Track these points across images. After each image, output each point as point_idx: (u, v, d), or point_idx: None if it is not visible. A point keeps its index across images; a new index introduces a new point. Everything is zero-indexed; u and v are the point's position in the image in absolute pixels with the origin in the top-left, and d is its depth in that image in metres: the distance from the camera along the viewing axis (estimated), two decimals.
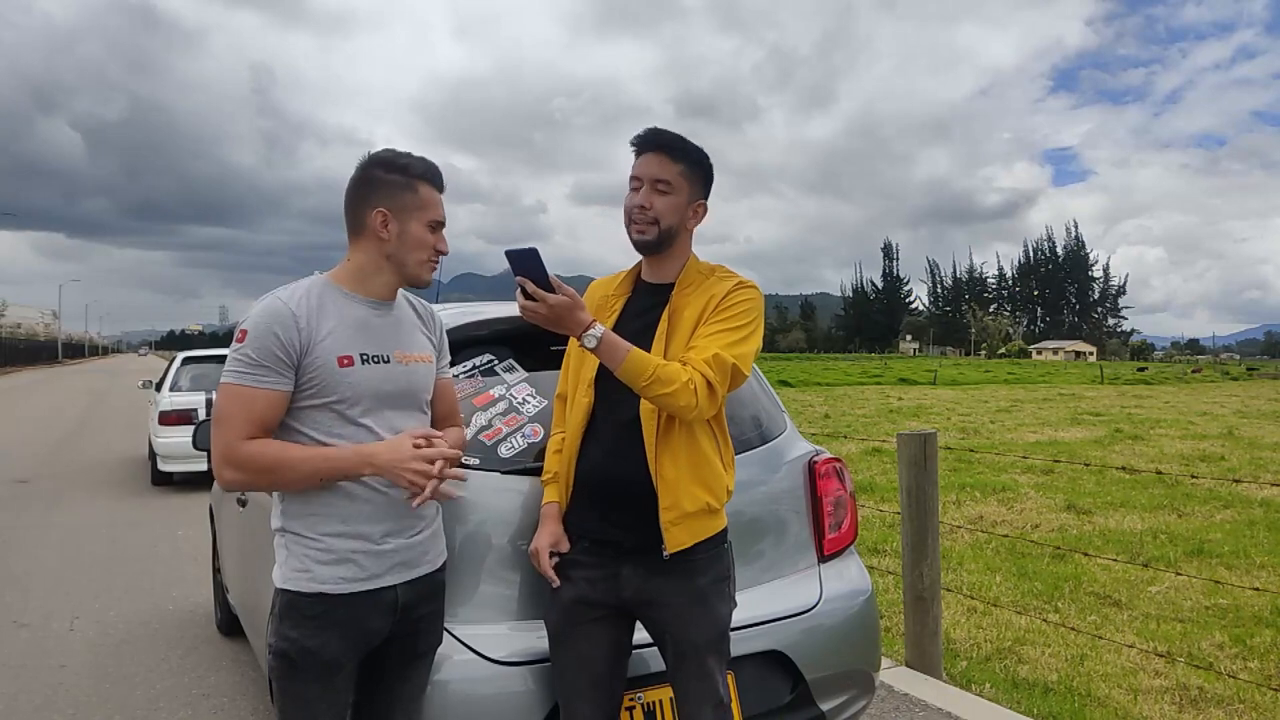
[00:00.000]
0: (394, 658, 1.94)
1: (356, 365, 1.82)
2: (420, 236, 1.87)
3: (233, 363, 1.77)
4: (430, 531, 1.96)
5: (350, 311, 1.86)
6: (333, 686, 1.84)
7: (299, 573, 1.81)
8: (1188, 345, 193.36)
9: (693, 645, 1.97)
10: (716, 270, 2.06)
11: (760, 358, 2.12)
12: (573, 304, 1.79)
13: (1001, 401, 23.61)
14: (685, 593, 1.97)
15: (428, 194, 1.88)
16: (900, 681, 3.74)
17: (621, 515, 1.98)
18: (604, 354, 1.83)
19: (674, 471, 1.93)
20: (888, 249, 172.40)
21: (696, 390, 1.84)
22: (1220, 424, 16.58)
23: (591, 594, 2.00)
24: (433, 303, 2.74)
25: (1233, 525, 7.15)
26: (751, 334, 1.96)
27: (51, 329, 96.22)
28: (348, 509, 1.82)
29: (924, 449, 3.87)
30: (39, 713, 3.60)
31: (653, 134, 2.00)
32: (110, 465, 10.93)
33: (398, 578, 1.87)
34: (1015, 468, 10.23)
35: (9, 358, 56.02)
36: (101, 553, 6.35)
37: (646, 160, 1.99)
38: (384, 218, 1.85)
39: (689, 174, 2.00)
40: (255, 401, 1.75)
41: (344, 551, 1.82)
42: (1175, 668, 3.97)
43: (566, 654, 2.01)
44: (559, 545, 2.03)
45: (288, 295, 1.82)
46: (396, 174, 1.86)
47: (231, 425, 1.75)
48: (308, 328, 1.79)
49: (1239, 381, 43.27)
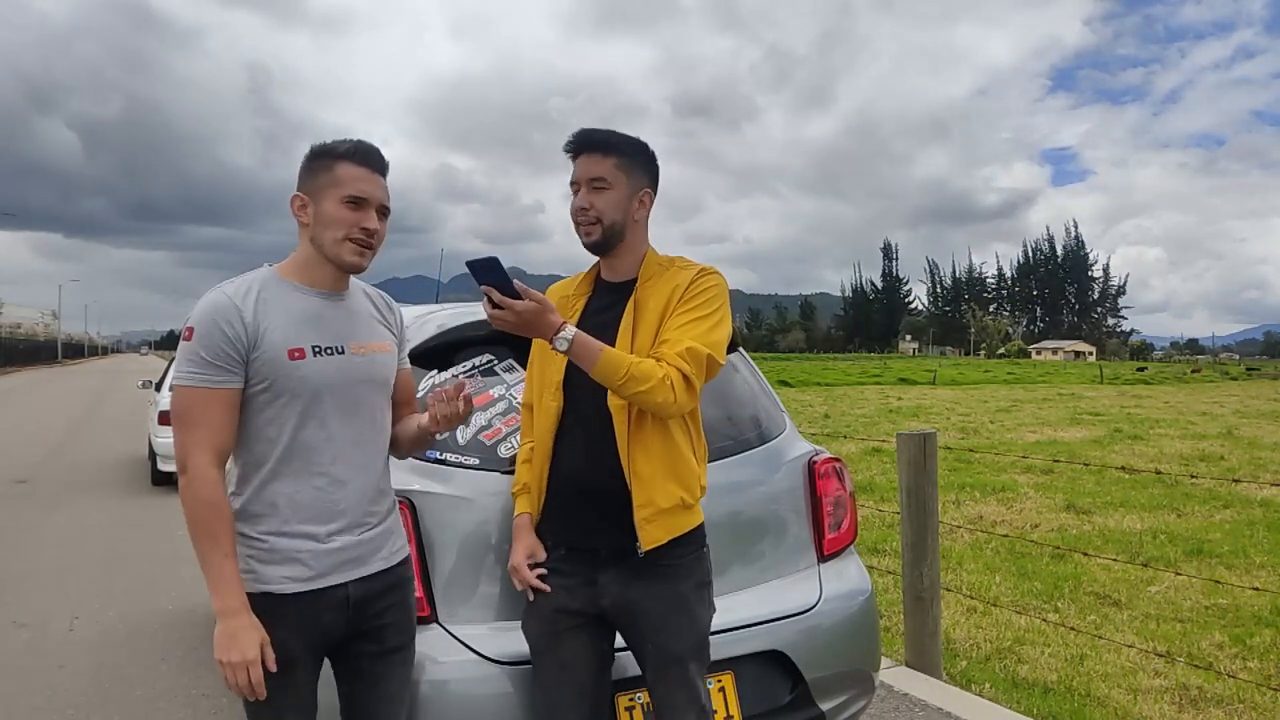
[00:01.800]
0: (366, 656, 1.91)
1: (308, 357, 1.79)
2: (332, 213, 1.79)
3: (184, 362, 1.74)
4: (382, 528, 1.92)
5: (298, 303, 1.82)
6: (293, 683, 1.81)
7: (245, 574, 1.77)
8: (1187, 345, 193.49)
9: (675, 655, 1.94)
10: (676, 261, 2.04)
11: (760, 358, 2.13)
12: (541, 308, 1.76)
13: (1001, 401, 23.62)
14: (667, 600, 1.94)
15: (345, 171, 1.80)
16: (900, 681, 3.74)
17: (597, 517, 1.95)
18: (577, 355, 1.81)
19: (648, 468, 1.91)
20: (887, 249, 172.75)
21: (673, 385, 1.82)
22: (1220, 424, 16.59)
23: (570, 603, 1.97)
24: (432, 303, 2.74)
25: (1232, 525, 7.15)
26: (721, 320, 1.94)
27: (51, 329, 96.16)
28: (291, 509, 1.79)
29: (923, 449, 3.87)
30: (39, 713, 3.60)
31: (582, 135, 1.99)
32: (110, 465, 10.92)
33: (347, 575, 1.83)
34: (1015, 468, 10.24)
35: (8, 358, 55.98)
36: (101, 553, 6.35)
37: (581, 162, 1.98)
38: (301, 201, 1.83)
39: (624, 165, 1.98)
40: (211, 405, 1.72)
41: (289, 551, 1.78)
42: (1175, 668, 3.97)
43: (549, 665, 1.99)
44: (535, 556, 2.02)
45: (232, 289, 1.78)
46: (323, 157, 1.82)
47: (194, 434, 1.72)
48: (254, 320, 1.75)
49: (1238, 381, 43.29)
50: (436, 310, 2.51)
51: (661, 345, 1.89)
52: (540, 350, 2.08)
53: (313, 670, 1.86)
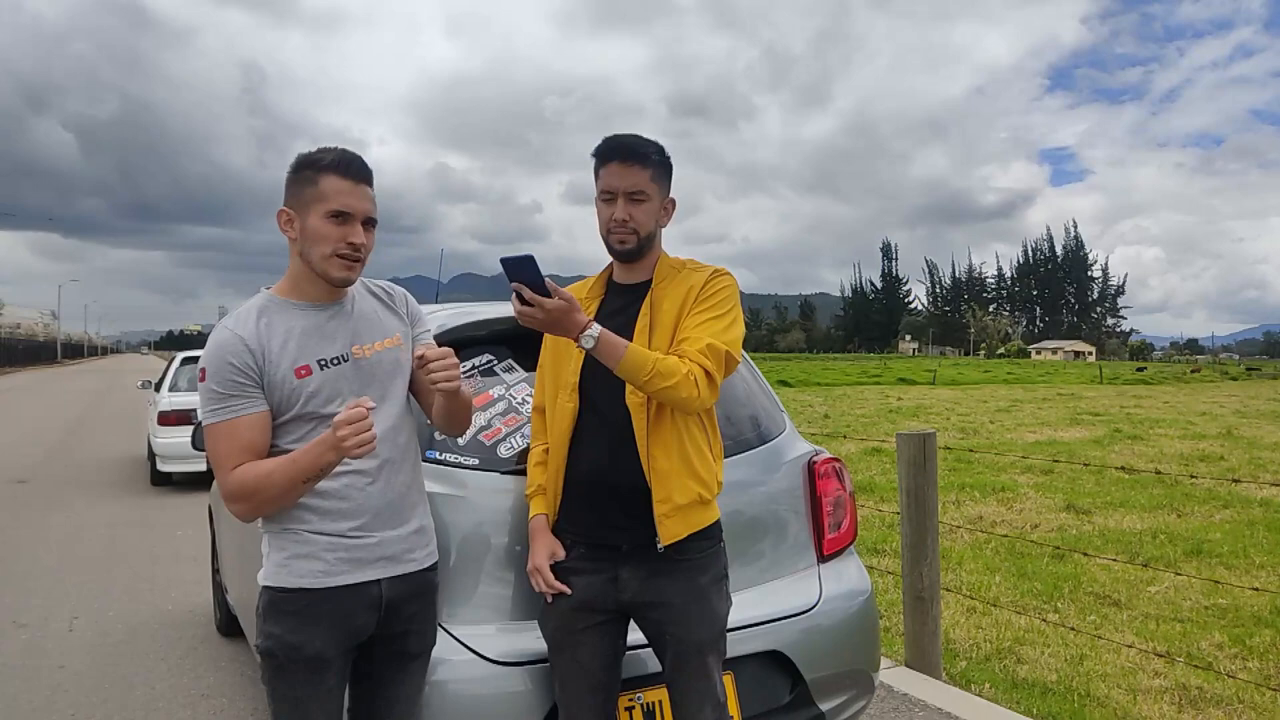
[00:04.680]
0: (384, 660, 1.93)
1: (315, 373, 1.83)
2: (317, 228, 1.79)
3: (204, 403, 1.79)
4: (417, 528, 1.94)
5: (298, 321, 1.85)
6: (323, 684, 1.83)
7: (280, 568, 1.81)
8: (1187, 345, 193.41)
9: (695, 645, 1.98)
10: (688, 263, 2.08)
11: (760, 358, 2.14)
12: (569, 306, 1.79)
13: (1001, 401, 23.61)
14: (686, 592, 1.98)
15: (329, 184, 1.79)
16: (900, 681, 3.74)
17: (618, 514, 1.98)
18: (602, 352, 1.83)
19: (667, 464, 1.94)
20: (886, 249, 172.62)
21: (697, 381, 1.86)
22: (1219, 424, 16.58)
23: (591, 599, 2.00)
24: (432, 303, 2.74)
25: (1232, 525, 7.15)
26: (736, 319, 1.98)
27: (50, 329, 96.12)
28: (327, 504, 1.82)
29: (923, 449, 3.87)
30: (38, 713, 3.60)
31: (623, 144, 1.99)
32: (109, 465, 10.92)
33: (381, 572, 1.86)
34: (1015, 468, 10.23)
35: (8, 358, 55.95)
36: (101, 553, 6.35)
37: (616, 171, 1.97)
38: (288, 216, 1.84)
39: (657, 176, 2.01)
40: (237, 431, 1.77)
41: (324, 545, 1.81)
42: (1175, 668, 3.97)
43: (566, 661, 2.01)
44: (556, 555, 2.03)
45: (234, 323, 1.82)
46: (306, 170, 1.82)
47: (224, 463, 1.76)
48: (259, 348, 1.79)
49: (1238, 381, 43.27)
50: (436, 310, 2.51)
51: (682, 343, 1.92)
52: (552, 353, 2.10)
53: (344, 674, 1.88)
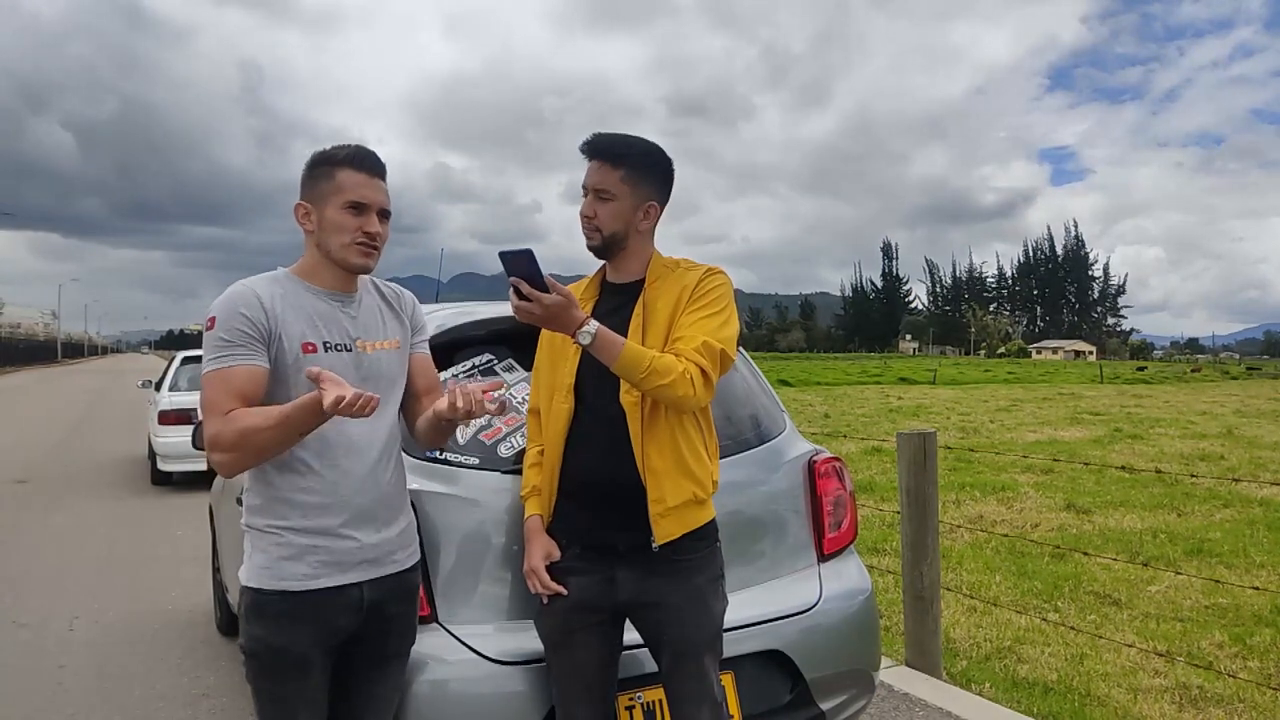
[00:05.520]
0: (363, 659, 1.92)
1: (320, 352, 1.84)
2: (335, 219, 1.85)
3: (208, 350, 1.78)
4: (400, 530, 1.94)
5: (311, 303, 1.87)
6: (307, 683, 1.83)
7: (263, 570, 1.81)
8: (1187, 345, 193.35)
9: (691, 645, 1.97)
10: (681, 263, 2.08)
11: (760, 357, 2.14)
12: (567, 302, 1.80)
13: (1001, 401, 23.61)
14: (683, 593, 1.98)
15: (346, 177, 1.85)
16: (900, 681, 3.74)
17: (613, 514, 1.97)
18: (599, 350, 1.83)
19: (661, 463, 1.94)
20: (887, 248, 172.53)
21: (693, 379, 1.86)
22: (1220, 423, 16.58)
23: (587, 600, 1.99)
24: (433, 302, 2.74)
25: (1232, 524, 7.15)
26: (730, 318, 1.98)
27: (51, 329, 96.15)
28: (304, 504, 1.81)
29: (924, 448, 3.87)
30: (38, 713, 3.60)
31: (596, 141, 2.01)
32: (109, 465, 10.92)
33: (363, 575, 1.86)
34: (1015, 467, 10.23)
35: (8, 358, 55.97)
36: (101, 553, 6.35)
37: (590, 169, 2.00)
38: (305, 210, 1.88)
39: (632, 177, 1.99)
40: (233, 378, 1.75)
41: (305, 545, 1.81)
42: (1175, 667, 3.96)
43: (563, 661, 2.02)
44: (552, 556, 2.03)
45: (253, 281, 1.85)
46: (323, 165, 1.87)
47: (214, 410, 1.74)
48: (273, 310, 1.80)
49: (1238, 381, 43.28)
50: (436, 310, 2.51)
51: (676, 342, 1.92)
52: (547, 355, 2.10)
53: (326, 671, 1.88)
